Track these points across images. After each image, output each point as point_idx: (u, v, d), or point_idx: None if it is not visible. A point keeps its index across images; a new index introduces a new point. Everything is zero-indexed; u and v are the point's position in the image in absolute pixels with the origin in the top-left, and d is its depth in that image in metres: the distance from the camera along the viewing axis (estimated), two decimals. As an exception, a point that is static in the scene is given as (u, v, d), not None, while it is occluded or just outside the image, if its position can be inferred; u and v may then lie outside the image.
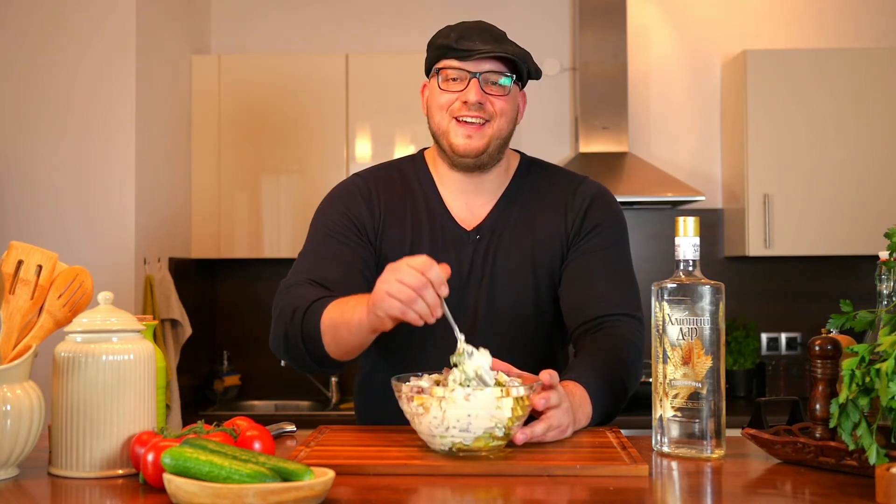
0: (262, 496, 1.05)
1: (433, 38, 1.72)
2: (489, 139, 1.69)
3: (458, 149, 1.69)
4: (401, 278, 1.36)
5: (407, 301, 1.35)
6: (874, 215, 3.74)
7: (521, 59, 1.67)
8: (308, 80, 3.91)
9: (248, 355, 4.14)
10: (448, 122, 1.69)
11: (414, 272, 1.35)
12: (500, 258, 1.73)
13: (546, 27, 4.24)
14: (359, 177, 1.81)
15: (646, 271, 3.57)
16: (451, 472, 1.26)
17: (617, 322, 1.65)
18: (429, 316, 1.37)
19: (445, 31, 1.71)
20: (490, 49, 1.64)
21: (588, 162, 3.93)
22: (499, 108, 1.68)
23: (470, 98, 1.66)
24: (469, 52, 1.65)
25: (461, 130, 1.68)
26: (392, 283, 1.36)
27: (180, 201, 3.82)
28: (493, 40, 1.67)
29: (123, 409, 1.28)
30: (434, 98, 1.72)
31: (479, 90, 1.66)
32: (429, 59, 1.74)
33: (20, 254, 1.36)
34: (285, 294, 1.65)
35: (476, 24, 1.72)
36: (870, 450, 1.16)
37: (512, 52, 1.66)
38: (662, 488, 1.24)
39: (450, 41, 1.67)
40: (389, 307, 1.37)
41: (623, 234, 1.78)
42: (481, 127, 1.68)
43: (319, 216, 1.78)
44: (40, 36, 3.31)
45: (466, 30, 1.69)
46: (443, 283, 1.37)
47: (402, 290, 1.35)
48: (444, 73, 1.69)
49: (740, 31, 4.22)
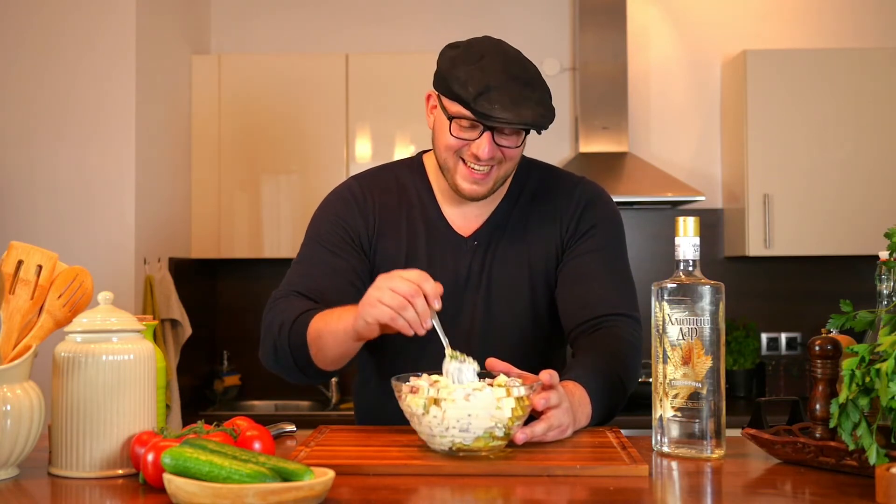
0: (262, 496, 1.05)
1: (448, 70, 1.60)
2: (495, 182, 1.66)
3: (463, 192, 1.67)
4: (393, 286, 1.37)
5: (398, 308, 1.36)
6: (874, 215, 3.74)
7: (540, 125, 1.58)
8: (308, 80, 3.91)
9: (248, 355, 4.13)
10: (455, 164, 1.65)
11: (407, 282, 1.37)
12: (498, 264, 1.73)
13: (546, 27, 4.24)
14: (355, 181, 1.80)
15: (646, 271, 3.58)
16: (451, 472, 1.26)
17: (614, 322, 1.65)
18: (418, 325, 1.38)
19: (463, 77, 1.57)
20: (508, 118, 1.55)
21: (588, 162, 3.93)
22: (508, 155, 1.64)
23: (481, 154, 1.60)
24: (486, 118, 1.55)
25: (469, 176, 1.64)
26: (384, 290, 1.37)
27: (180, 201, 3.82)
28: (511, 105, 1.55)
29: (123, 409, 1.28)
30: (442, 135, 1.64)
31: (492, 145, 1.59)
32: (441, 87, 1.62)
33: (20, 254, 1.36)
34: (273, 307, 1.66)
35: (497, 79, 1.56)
36: (870, 450, 1.16)
37: (531, 119, 1.56)
38: (662, 488, 1.24)
39: (468, 96, 1.55)
40: (380, 313, 1.38)
41: (619, 234, 1.78)
42: (488, 174, 1.64)
43: (313, 225, 1.77)
44: (40, 36, 3.31)
45: (487, 87, 1.55)
46: (436, 296, 1.38)
47: (393, 298, 1.36)
48: (457, 121, 1.60)
49: (740, 31, 4.22)
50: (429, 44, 4.15)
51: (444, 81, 1.60)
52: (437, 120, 1.67)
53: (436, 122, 1.68)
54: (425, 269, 1.71)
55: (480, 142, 1.60)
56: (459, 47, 1.64)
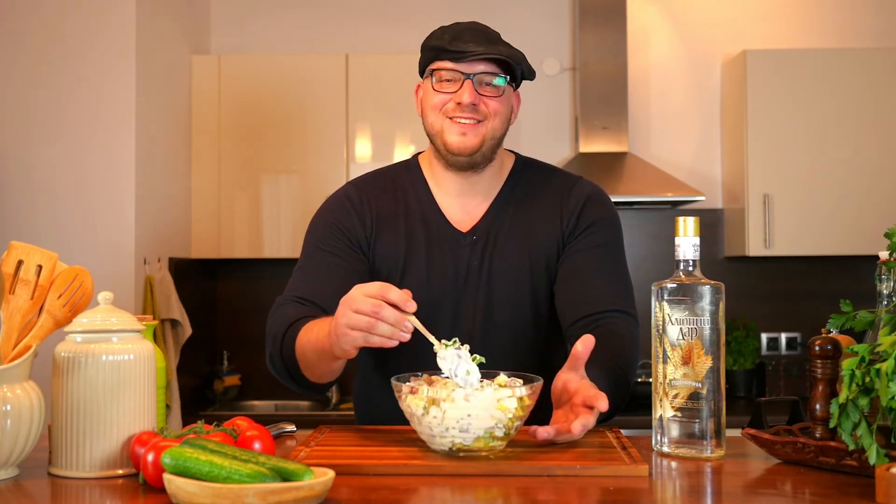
0: (262, 496, 1.05)
1: (426, 40, 1.73)
2: (483, 138, 1.70)
3: (452, 147, 1.70)
4: (356, 308, 1.32)
5: (367, 328, 1.32)
6: (874, 215, 3.74)
7: (515, 61, 1.68)
8: (308, 80, 3.91)
9: (248, 355, 4.14)
10: (442, 122, 1.70)
11: (367, 299, 1.32)
12: (497, 260, 1.74)
13: (546, 27, 4.24)
14: (351, 185, 1.82)
15: (646, 271, 3.58)
16: (451, 472, 1.26)
17: (612, 318, 1.66)
18: (397, 334, 1.33)
19: (439, 33, 1.71)
20: (483, 51, 1.65)
21: (588, 162, 3.93)
22: (492, 109, 1.69)
23: (464, 99, 1.66)
24: (462, 54, 1.65)
25: (455, 128, 1.69)
26: (348, 315, 1.33)
27: (180, 201, 3.82)
28: (486, 41, 1.67)
29: (123, 409, 1.28)
30: (428, 98, 1.72)
31: (473, 91, 1.67)
32: (422, 61, 1.74)
33: (20, 254, 1.36)
34: (273, 314, 1.68)
35: (469, 26, 1.72)
36: (870, 450, 1.16)
37: (506, 53, 1.67)
38: (662, 488, 1.24)
39: (443, 42, 1.67)
40: (352, 339, 1.34)
41: (617, 232, 1.79)
42: (475, 125, 1.69)
43: (310, 231, 1.79)
44: (40, 36, 3.31)
45: (460, 31, 1.69)
46: (405, 301, 1.32)
47: (359, 320, 1.32)
48: (437, 74, 1.69)
49: (740, 31, 4.22)
50: (429, 44, 4.15)
51: (423, 50, 1.72)
52: (424, 96, 1.75)
53: (423, 100, 1.75)
54: (424, 266, 1.72)
55: (462, 90, 1.67)
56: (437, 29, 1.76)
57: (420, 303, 1.55)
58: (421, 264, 1.73)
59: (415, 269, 1.73)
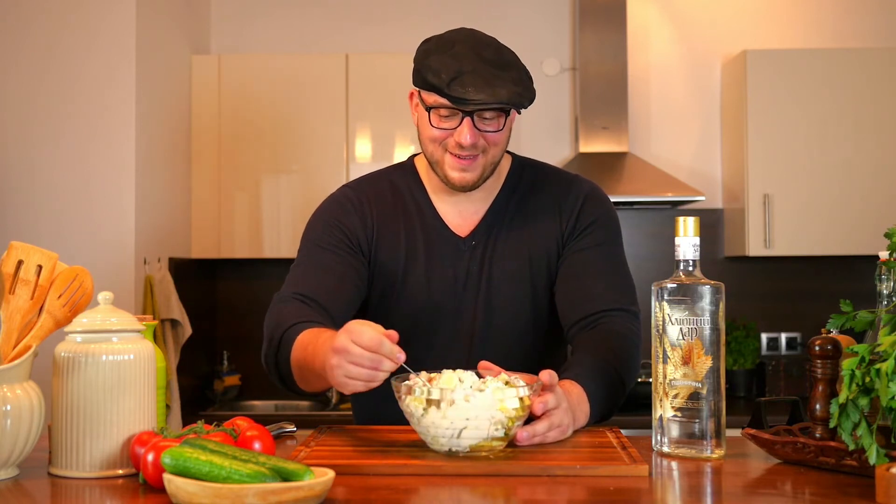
0: (262, 496, 1.05)
1: (422, 62, 1.62)
2: (483, 169, 1.67)
3: (453, 181, 1.67)
4: (355, 361, 1.31)
5: (368, 379, 1.32)
6: (874, 215, 3.74)
7: (517, 103, 1.59)
8: (308, 80, 3.91)
9: (248, 355, 4.13)
10: (442, 155, 1.66)
11: (364, 354, 1.30)
12: (496, 264, 1.73)
13: (546, 27, 4.24)
14: (349, 188, 1.79)
15: (646, 271, 3.58)
16: (451, 472, 1.26)
17: (612, 317, 1.65)
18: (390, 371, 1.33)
19: (436, 66, 1.59)
20: (483, 99, 1.56)
21: (588, 162, 3.93)
22: (492, 140, 1.64)
23: (463, 141, 1.60)
24: (462, 101, 1.57)
25: (456, 164, 1.64)
26: (348, 367, 1.31)
27: (180, 201, 3.82)
28: (485, 85, 1.56)
29: (123, 409, 1.28)
30: (425, 129, 1.66)
31: (473, 130, 1.60)
32: (417, 81, 1.65)
33: (20, 254, 1.36)
34: (272, 312, 1.65)
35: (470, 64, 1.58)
36: (870, 450, 1.16)
37: (506, 97, 1.57)
38: (662, 488, 1.24)
39: (440, 83, 1.57)
40: (354, 388, 1.34)
41: (616, 231, 1.78)
42: (475, 159, 1.65)
43: (309, 229, 1.76)
44: (41, 36, 3.31)
45: (459, 72, 1.57)
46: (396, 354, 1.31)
47: (360, 373, 1.31)
48: (435, 111, 1.62)
49: (740, 31, 4.22)
50: (429, 44, 4.15)
51: (419, 74, 1.63)
52: (420, 115, 1.69)
53: (419, 118, 1.69)
54: (424, 272, 1.72)
55: (461, 129, 1.61)
56: (431, 41, 1.66)
57: (419, 308, 1.56)
58: (420, 270, 1.72)
59: (414, 275, 1.72)
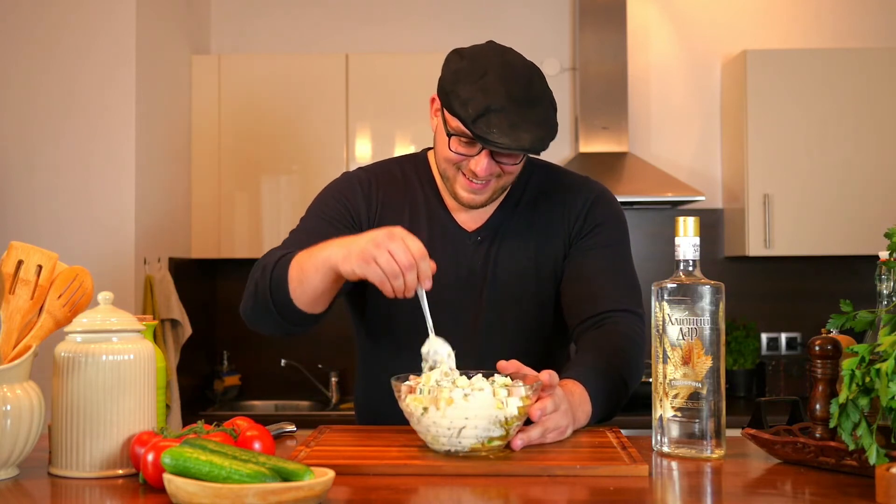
0: (262, 496, 1.05)
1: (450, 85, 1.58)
2: (494, 191, 1.67)
3: (461, 200, 1.68)
4: (393, 251, 1.37)
5: (390, 274, 1.37)
6: (874, 215, 3.74)
7: (538, 149, 1.58)
8: (308, 80, 3.91)
9: (248, 355, 4.14)
10: (456, 174, 1.66)
11: (407, 252, 1.37)
12: (502, 261, 1.73)
13: (546, 27, 4.24)
14: (362, 170, 1.82)
15: (646, 271, 3.56)
16: (451, 472, 1.26)
17: (617, 318, 1.65)
18: (401, 294, 1.40)
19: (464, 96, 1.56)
20: (505, 144, 1.54)
21: (588, 162, 3.93)
22: (507, 170, 1.64)
23: (479, 171, 1.60)
24: (483, 141, 1.55)
25: (468, 186, 1.65)
26: (382, 252, 1.37)
27: (180, 201, 3.82)
28: (510, 129, 1.54)
29: (123, 409, 1.28)
30: (441, 147, 1.66)
31: (490, 163, 1.60)
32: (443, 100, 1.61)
33: (20, 254, 1.36)
34: (263, 258, 1.66)
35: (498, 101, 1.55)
36: (870, 450, 1.16)
37: (528, 144, 1.55)
38: (662, 488, 1.24)
39: (467, 117, 1.55)
40: (371, 273, 1.38)
41: (624, 233, 1.79)
42: (487, 184, 1.65)
43: (316, 201, 1.79)
44: (41, 36, 3.31)
45: (486, 109, 1.54)
46: (428, 277, 1.39)
47: (389, 263, 1.37)
48: (455, 137, 1.60)
49: (740, 31, 4.22)
50: (429, 44, 4.15)
51: (447, 97, 1.59)
52: (439, 127, 1.67)
53: (437, 128, 1.68)
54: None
55: (479, 159, 1.60)
56: (465, 58, 1.62)
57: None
58: None
59: None
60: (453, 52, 1.65)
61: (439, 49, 4.13)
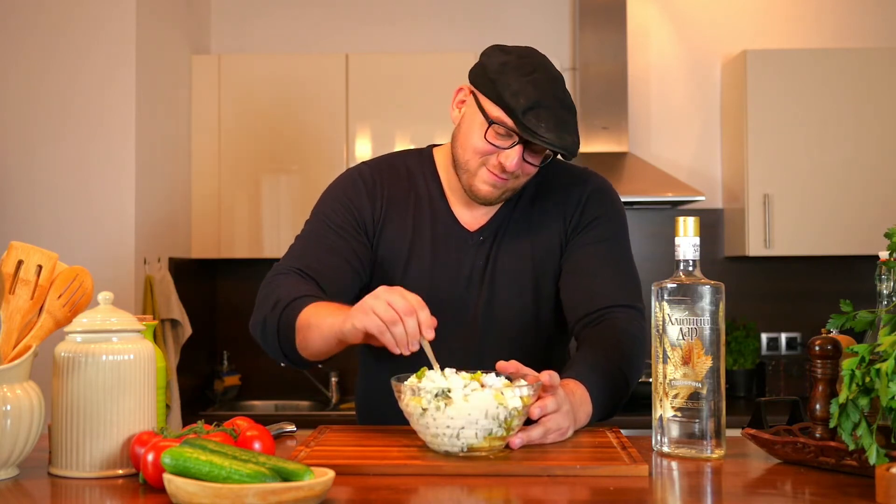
0: (262, 496, 1.05)
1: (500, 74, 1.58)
2: (507, 190, 1.68)
3: (477, 193, 1.68)
4: (391, 300, 1.37)
5: (389, 322, 1.37)
6: (874, 215, 3.74)
7: (572, 153, 1.60)
8: (308, 80, 3.91)
9: (248, 355, 4.13)
10: (478, 167, 1.65)
11: (405, 301, 1.37)
12: (502, 260, 1.73)
13: (546, 27, 4.24)
14: (365, 166, 1.81)
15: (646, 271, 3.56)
16: (451, 472, 1.26)
17: (617, 314, 1.65)
18: (404, 345, 1.38)
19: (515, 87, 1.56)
20: (551, 140, 1.56)
21: (588, 162, 3.93)
22: (527, 171, 1.65)
23: (508, 165, 1.60)
24: (529, 133, 1.56)
25: (490, 179, 1.64)
26: (381, 301, 1.38)
27: (180, 201, 3.82)
28: (557, 127, 1.56)
29: (123, 409, 1.28)
30: (471, 137, 1.64)
31: (520, 160, 1.61)
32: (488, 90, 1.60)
33: (20, 254, 1.36)
34: (272, 281, 1.66)
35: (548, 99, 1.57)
36: (870, 450, 1.16)
37: (570, 145, 1.58)
38: (662, 488, 1.24)
39: (517, 107, 1.55)
40: (370, 323, 1.38)
41: (622, 226, 1.78)
42: (506, 181, 1.65)
43: (321, 204, 1.78)
44: (41, 36, 3.31)
45: (537, 103, 1.56)
46: (430, 327, 1.38)
47: (387, 311, 1.37)
48: (495, 127, 1.60)
49: (740, 31, 4.22)
50: (429, 44, 4.15)
51: (493, 85, 1.59)
52: (468, 118, 1.66)
53: (465, 119, 1.67)
54: (428, 261, 1.72)
55: (510, 153, 1.60)
56: (511, 53, 1.63)
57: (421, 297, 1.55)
58: (425, 258, 1.73)
59: (418, 261, 1.72)
60: (494, 47, 1.67)
61: (439, 49, 4.13)
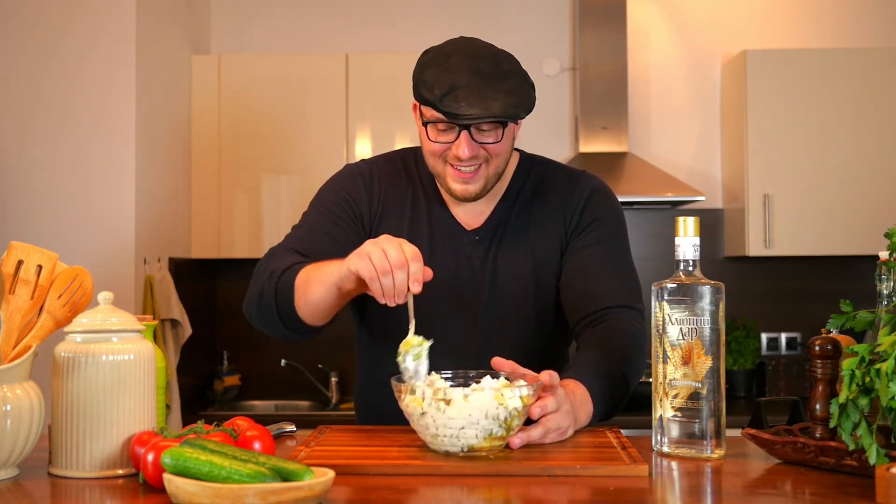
0: (262, 496, 1.05)
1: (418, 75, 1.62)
2: (486, 180, 1.67)
3: (455, 194, 1.68)
4: (386, 249, 1.40)
5: (380, 271, 1.39)
6: (874, 215, 3.74)
7: (512, 115, 1.57)
8: (308, 80, 3.91)
9: (248, 355, 4.14)
10: (444, 168, 1.66)
11: (400, 252, 1.40)
12: (501, 259, 1.73)
13: (546, 27, 4.24)
14: (364, 163, 1.83)
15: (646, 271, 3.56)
16: (451, 472, 1.26)
17: (616, 314, 1.65)
18: (391, 296, 1.41)
19: (430, 80, 1.59)
20: (476, 113, 1.55)
21: (588, 162, 3.93)
22: (493, 151, 1.63)
23: (461, 154, 1.60)
24: (454, 116, 1.56)
25: (458, 176, 1.65)
26: (377, 249, 1.40)
27: (180, 201, 3.82)
28: (478, 99, 1.55)
29: (123, 409, 1.28)
30: (424, 143, 1.67)
31: (471, 143, 1.60)
32: (415, 94, 1.64)
33: (20, 254, 1.36)
34: (268, 257, 1.68)
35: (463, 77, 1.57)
36: (870, 450, 1.16)
37: (500, 111, 1.56)
38: (662, 488, 1.24)
39: (433, 98, 1.57)
40: (363, 267, 1.40)
41: (621, 226, 1.78)
42: (477, 171, 1.64)
43: (319, 196, 1.80)
44: (41, 36, 3.31)
45: (452, 86, 1.56)
46: (418, 280, 1.40)
47: (381, 260, 1.39)
48: (432, 125, 1.62)
49: (740, 31, 4.22)
50: (429, 44, 4.10)
51: (416, 88, 1.63)
52: (419, 128, 1.69)
53: (420, 130, 1.70)
54: (427, 259, 1.72)
55: (459, 142, 1.61)
56: (430, 52, 1.66)
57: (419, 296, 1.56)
58: (423, 257, 1.72)
59: None
60: (423, 52, 1.69)
61: (439, 49, 4.13)
